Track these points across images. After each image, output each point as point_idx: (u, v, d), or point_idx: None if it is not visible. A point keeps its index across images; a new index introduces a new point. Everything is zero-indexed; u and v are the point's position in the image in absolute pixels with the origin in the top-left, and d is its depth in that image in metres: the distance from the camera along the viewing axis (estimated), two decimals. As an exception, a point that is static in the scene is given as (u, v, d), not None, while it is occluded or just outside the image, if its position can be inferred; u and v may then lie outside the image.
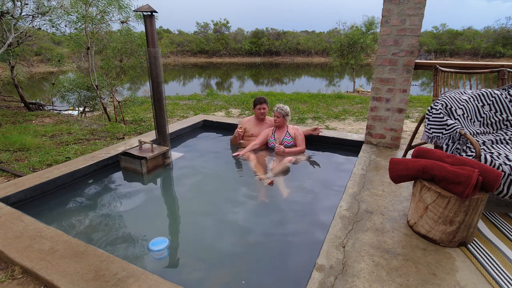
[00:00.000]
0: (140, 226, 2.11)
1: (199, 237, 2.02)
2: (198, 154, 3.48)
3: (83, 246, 1.67)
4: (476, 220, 1.63)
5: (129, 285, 1.40)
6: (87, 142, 3.98)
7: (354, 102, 7.35)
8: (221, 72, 29.02)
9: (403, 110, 3.13)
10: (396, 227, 1.85)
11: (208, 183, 2.81)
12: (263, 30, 45.66)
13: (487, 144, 2.09)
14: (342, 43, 15.17)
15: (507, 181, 1.73)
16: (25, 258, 1.58)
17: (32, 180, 2.47)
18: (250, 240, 1.99)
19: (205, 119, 4.60)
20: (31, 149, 3.59)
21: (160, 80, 2.91)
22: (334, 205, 2.20)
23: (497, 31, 38.76)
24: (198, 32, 46.16)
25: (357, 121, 5.31)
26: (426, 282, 1.42)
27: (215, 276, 1.67)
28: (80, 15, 5.74)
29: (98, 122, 5.74)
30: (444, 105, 2.20)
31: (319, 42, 42.54)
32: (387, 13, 2.92)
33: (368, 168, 2.72)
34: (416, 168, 1.72)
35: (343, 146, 3.61)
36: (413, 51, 2.92)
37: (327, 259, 1.56)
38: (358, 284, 1.40)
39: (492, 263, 1.53)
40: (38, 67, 20.47)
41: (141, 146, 3.11)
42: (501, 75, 2.67)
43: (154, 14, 2.74)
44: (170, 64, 36.40)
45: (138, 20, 6.45)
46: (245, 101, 7.24)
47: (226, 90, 16.97)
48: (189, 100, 8.01)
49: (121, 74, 6.55)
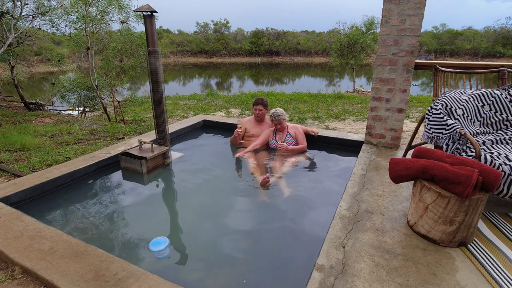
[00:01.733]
0: (140, 226, 2.12)
1: (199, 237, 2.02)
2: (198, 154, 3.48)
3: (83, 246, 1.67)
4: (476, 220, 1.63)
5: (129, 285, 1.40)
6: (87, 142, 3.98)
7: (354, 102, 7.35)
8: (221, 72, 29.02)
9: (403, 110, 3.13)
10: (396, 227, 1.85)
11: (208, 183, 2.81)
12: (263, 30, 45.65)
13: (487, 144, 2.09)
14: (342, 43, 15.17)
15: (507, 181, 1.73)
16: (25, 258, 1.58)
17: (32, 180, 2.47)
18: (250, 240, 1.99)
19: (205, 119, 4.60)
20: (31, 149, 3.59)
21: (160, 80, 2.91)
22: (334, 205, 2.20)
23: (497, 31, 38.76)
24: (198, 32, 46.16)
25: (357, 121, 5.31)
26: (426, 282, 1.42)
27: (215, 276, 1.67)
28: (80, 15, 5.74)
29: (98, 122, 5.74)
30: (444, 105, 2.20)
31: (319, 42, 42.54)
32: (387, 13, 2.92)
33: (368, 168, 2.72)
34: (416, 168, 1.72)
35: (343, 146, 3.61)
36: (413, 51, 2.92)
37: (327, 259, 1.56)
38: (358, 284, 1.40)
39: (492, 263, 1.53)
40: (38, 67, 20.47)
41: (141, 146, 3.11)
42: (501, 75, 2.67)
43: (154, 14, 2.74)
44: (170, 64, 36.40)
45: (138, 20, 6.45)
46: (245, 101, 7.24)
47: (226, 90, 16.97)
48: (189, 100, 8.01)
49: (121, 74, 6.55)
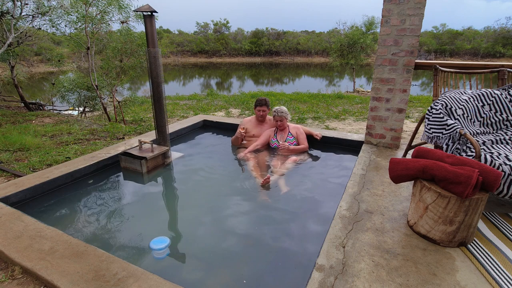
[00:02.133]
0: (140, 226, 2.12)
1: (199, 237, 2.02)
2: (198, 154, 3.48)
3: (83, 246, 1.67)
4: (476, 220, 1.63)
5: (129, 285, 1.40)
6: (87, 142, 3.98)
7: (354, 102, 7.35)
8: (221, 72, 29.02)
9: (403, 110, 3.13)
10: (396, 227, 1.85)
11: (208, 183, 2.81)
12: (263, 30, 45.69)
13: (487, 144, 2.09)
14: (342, 43, 15.18)
15: (507, 181, 1.73)
16: (25, 258, 1.58)
17: (32, 180, 2.47)
18: (250, 240, 1.99)
19: (205, 119, 4.60)
20: (31, 149, 3.59)
21: (160, 80, 2.91)
22: (334, 205, 2.20)
23: (497, 31, 38.80)
24: (198, 32, 46.20)
25: (357, 121, 5.31)
26: (426, 282, 1.42)
27: (215, 276, 1.67)
28: (80, 15, 5.74)
29: (98, 122, 5.74)
30: (444, 105, 2.20)
31: (319, 42, 42.57)
32: (387, 13, 2.92)
33: (368, 168, 2.72)
34: (416, 168, 1.72)
35: (343, 146, 3.61)
36: (413, 51, 2.92)
37: (327, 259, 1.56)
38: (358, 284, 1.40)
39: (492, 263, 1.53)
40: (38, 67, 20.47)
41: (141, 146, 3.11)
42: (501, 75, 2.67)
43: (154, 14, 2.74)
44: (170, 64, 36.41)
45: (138, 20, 6.45)
46: (245, 101, 7.24)
47: (226, 90, 16.97)
48: (189, 100, 8.01)
49: (121, 74, 6.55)
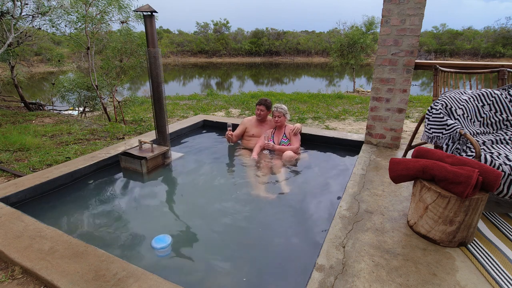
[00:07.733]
0: (140, 226, 2.12)
1: (199, 237, 2.02)
2: (198, 154, 3.48)
3: (83, 246, 1.67)
4: (476, 220, 1.63)
5: (129, 285, 1.40)
6: (87, 142, 3.98)
7: (354, 102, 7.35)
8: (221, 72, 29.02)
9: (403, 110, 3.13)
10: (396, 227, 1.85)
11: (208, 183, 2.81)
12: (263, 30, 45.68)
13: (487, 144, 2.09)
14: (342, 43, 15.16)
15: (507, 181, 1.73)
16: (25, 258, 1.58)
17: (32, 180, 2.47)
18: (250, 240, 1.99)
19: (205, 119, 4.60)
20: (31, 149, 3.59)
21: (160, 80, 2.91)
22: (334, 205, 2.20)
23: (497, 31, 38.80)
24: (198, 32, 46.18)
25: (357, 121, 5.31)
26: (426, 282, 1.42)
27: (215, 276, 1.67)
28: (80, 15, 5.74)
29: (98, 122, 5.74)
30: (444, 105, 2.20)
31: (319, 42, 42.55)
32: (387, 13, 2.92)
33: (368, 168, 2.72)
34: (416, 168, 1.72)
35: (343, 146, 3.61)
36: (413, 51, 2.92)
37: (327, 259, 1.56)
38: (358, 284, 1.40)
39: (492, 263, 1.53)
40: (38, 67, 20.46)
41: (141, 146, 3.11)
42: (501, 75, 2.67)
43: (154, 14, 2.74)
44: (170, 64, 36.40)
45: (138, 20, 6.45)
46: (245, 101, 7.24)
47: (226, 90, 16.97)
48: (189, 100, 8.01)
49: (121, 74, 6.54)
